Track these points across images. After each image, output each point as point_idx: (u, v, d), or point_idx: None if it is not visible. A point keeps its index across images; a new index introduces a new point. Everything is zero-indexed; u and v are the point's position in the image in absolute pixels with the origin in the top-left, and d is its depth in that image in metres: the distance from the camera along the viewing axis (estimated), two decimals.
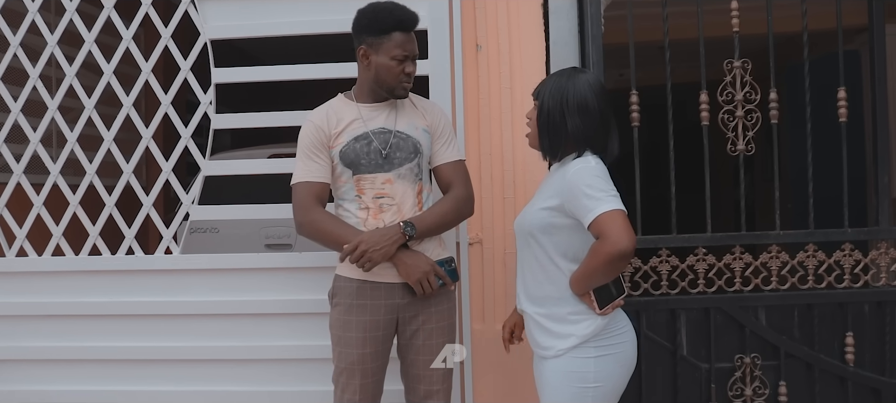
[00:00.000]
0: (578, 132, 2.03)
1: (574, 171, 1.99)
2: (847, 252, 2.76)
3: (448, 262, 2.32)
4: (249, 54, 3.75)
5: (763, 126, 2.74)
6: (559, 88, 2.05)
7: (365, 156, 2.30)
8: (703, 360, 2.78)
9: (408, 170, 2.32)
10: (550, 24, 2.78)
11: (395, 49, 2.25)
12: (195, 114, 2.81)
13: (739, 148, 2.75)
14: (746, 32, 2.74)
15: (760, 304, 2.77)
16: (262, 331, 2.80)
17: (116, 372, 2.86)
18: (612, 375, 2.04)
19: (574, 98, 2.03)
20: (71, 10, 2.86)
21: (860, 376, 2.75)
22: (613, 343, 2.04)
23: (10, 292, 2.90)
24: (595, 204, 1.93)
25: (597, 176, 1.97)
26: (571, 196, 1.98)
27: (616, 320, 2.06)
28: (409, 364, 2.36)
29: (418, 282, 2.25)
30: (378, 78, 2.29)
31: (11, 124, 2.91)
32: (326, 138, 2.31)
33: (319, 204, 2.31)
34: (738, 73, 2.74)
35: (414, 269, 2.24)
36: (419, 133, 2.37)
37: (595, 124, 2.03)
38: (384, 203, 2.29)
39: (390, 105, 2.36)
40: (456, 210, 2.36)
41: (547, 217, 2.05)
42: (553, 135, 2.07)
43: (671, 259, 2.77)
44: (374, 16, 2.28)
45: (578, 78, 2.06)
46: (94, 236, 2.87)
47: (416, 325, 2.32)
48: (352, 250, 2.21)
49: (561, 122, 2.04)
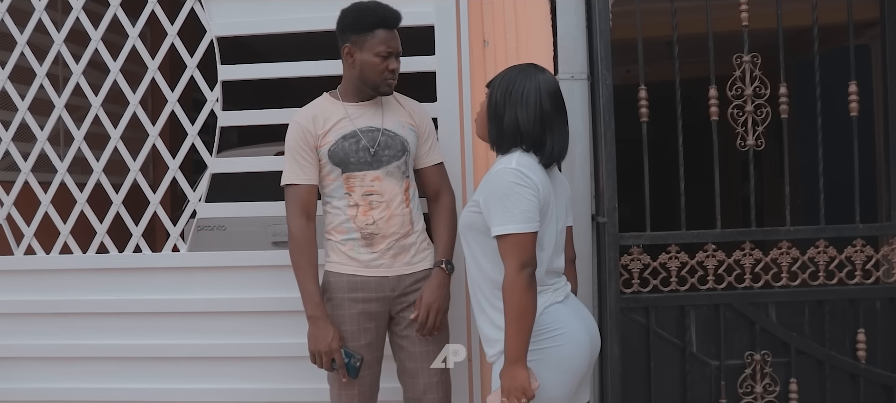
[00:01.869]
0: (513, 125, 2.04)
1: (495, 170, 2.01)
2: (858, 248, 2.73)
3: (357, 358, 2.30)
4: (255, 51, 3.75)
5: (772, 121, 2.72)
6: (509, 80, 2.08)
7: (354, 154, 2.32)
8: (712, 357, 2.76)
9: (396, 167, 2.36)
10: (558, 19, 2.76)
11: (379, 45, 2.28)
12: (202, 112, 2.81)
13: (749, 143, 2.72)
14: (756, 27, 2.72)
15: (771, 301, 2.75)
16: (269, 329, 2.80)
17: (124, 370, 2.86)
18: (546, 382, 1.97)
19: (518, 91, 2.04)
20: (77, 9, 2.86)
21: (872, 373, 2.72)
22: (545, 345, 2.00)
23: (19, 290, 2.91)
24: (502, 220, 1.94)
25: (514, 182, 1.95)
26: (486, 196, 1.99)
27: (549, 318, 2.01)
28: (406, 357, 2.39)
29: (315, 353, 2.30)
30: (362, 75, 2.32)
31: (19, 123, 2.91)
32: (313, 138, 2.34)
33: (305, 214, 2.34)
34: (748, 68, 2.71)
35: (319, 341, 2.28)
36: (406, 131, 2.40)
37: (533, 120, 2.03)
38: (374, 200, 2.33)
39: (376, 103, 2.39)
40: (456, 218, 2.45)
41: (471, 216, 2.06)
42: (497, 125, 2.08)
43: (680, 255, 2.74)
44: (357, 14, 2.31)
45: (531, 74, 2.07)
46: (102, 234, 2.88)
47: (407, 319, 2.37)
48: (424, 319, 2.32)
49: (502, 113, 2.06)
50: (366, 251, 2.34)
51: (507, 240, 1.93)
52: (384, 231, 2.33)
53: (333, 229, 2.38)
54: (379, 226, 2.33)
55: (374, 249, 2.34)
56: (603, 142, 2.68)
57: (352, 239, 2.34)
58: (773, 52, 2.71)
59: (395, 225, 2.34)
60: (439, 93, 2.73)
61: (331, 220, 2.39)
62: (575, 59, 2.73)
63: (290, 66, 2.81)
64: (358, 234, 2.34)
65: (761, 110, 2.71)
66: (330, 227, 2.40)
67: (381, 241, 2.33)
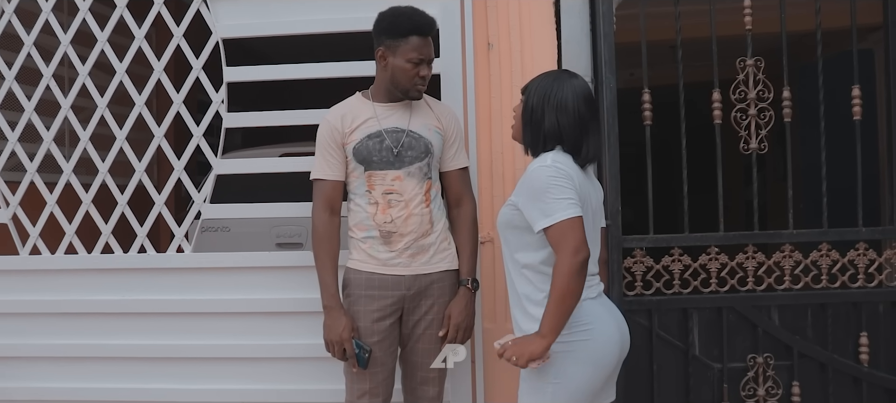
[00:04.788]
0: (554, 129, 2.10)
1: (531, 170, 2.07)
2: (861, 251, 2.73)
3: (366, 349, 2.36)
4: (260, 53, 3.76)
5: (775, 125, 2.72)
6: (545, 87, 2.14)
7: (377, 153, 2.38)
8: (715, 360, 2.77)
9: (417, 168, 2.40)
10: (562, 22, 2.77)
11: (411, 52, 2.33)
12: (207, 113, 2.82)
13: (752, 146, 2.73)
14: (759, 31, 2.73)
15: (773, 304, 2.75)
16: (273, 329, 2.80)
17: (129, 370, 2.87)
18: (574, 374, 2.03)
19: (556, 97, 2.10)
20: (84, 10, 2.87)
21: (875, 376, 2.72)
22: (576, 338, 2.03)
23: (24, 290, 2.92)
24: (547, 212, 1.98)
25: (552, 176, 2.01)
26: (525, 196, 2.05)
27: (582, 313, 2.04)
28: (409, 351, 2.46)
29: (328, 341, 2.37)
30: (393, 79, 2.37)
31: (25, 123, 2.93)
32: (340, 136, 2.41)
33: (329, 209, 2.42)
34: (751, 72, 2.72)
35: (332, 330, 2.36)
36: (431, 133, 2.45)
37: (571, 125, 2.09)
38: (393, 199, 2.38)
39: (405, 105, 2.44)
40: (477, 229, 2.56)
41: (509, 213, 2.12)
42: (534, 130, 2.13)
43: (683, 258, 2.75)
44: (393, 19, 2.37)
45: (566, 80, 2.14)
46: (107, 234, 2.89)
47: (418, 315, 2.42)
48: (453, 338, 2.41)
49: (541, 119, 2.11)
50: (384, 249, 2.39)
51: (556, 229, 1.98)
52: (402, 229, 2.37)
53: (355, 226, 2.44)
54: (397, 225, 2.37)
55: (392, 248, 2.38)
56: (606, 145, 2.69)
57: (371, 236, 2.40)
58: (777, 56, 2.72)
59: (413, 225, 2.38)
60: (443, 95, 2.73)
61: (353, 217, 2.45)
62: (579, 63, 2.74)
63: (296, 68, 2.82)
64: (377, 232, 2.39)
65: (764, 114, 2.72)
66: (352, 224, 2.45)
67: (399, 240, 2.38)
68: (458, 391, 2.74)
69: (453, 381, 2.70)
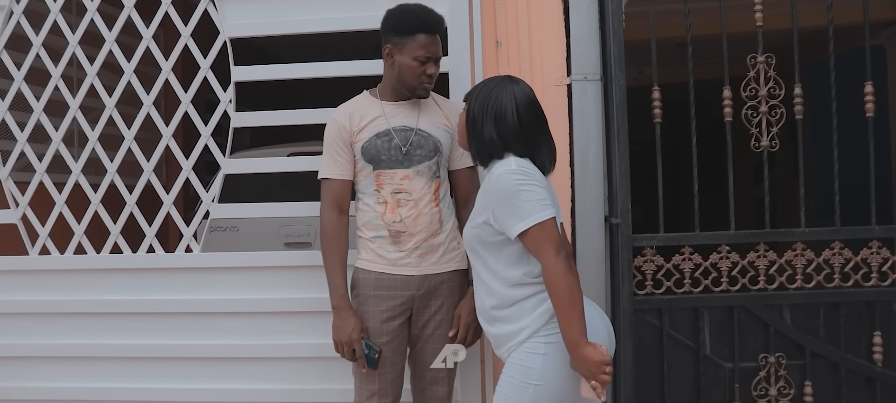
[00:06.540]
0: (493, 140, 2.05)
1: (496, 177, 2.02)
2: (874, 249, 2.70)
3: (376, 349, 2.35)
4: (268, 52, 3.76)
5: (786, 122, 2.70)
6: (485, 94, 2.09)
7: (385, 152, 2.36)
8: (726, 360, 2.75)
9: (426, 167, 2.39)
10: (571, 20, 2.75)
11: (418, 50, 2.31)
12: (215, 113, 2.82)
13: (763, 144, 2.71)
14: (770, 27, 2.70)
15: (785, 303, 2.73)
16: (281, 329, 2.80)
17: (138, 370, 2.88)
18: (557, 375, 2.00)
19: (494, 106, 2.06)
20: (92, 11, 2.87)
21: (888, 376, 2.69)
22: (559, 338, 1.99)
23: (34, 290, 2.92)
24: (522, 215, 1.95)
25: (520, 180, 1.98)
26: (495, 205, 2.00)
27: None
28: (419, 351, 2.46)
29: (337, 342, 2.36)
30: (400, 77, 2.35)
31: (34, 124, 2.93)
32: (348, 135, 2.39)
33: (337, 208, 2.41)
34: (762, 69, 2.70)
35: (341, 331, 2.34)
36: (440, 132, 2.43)
37: (513, 134, 2.05)
38: (402, 198, 2.37)
39: (414, 103, 2.42)
40: None
41: (479, 234, 2.07)
42: (477, 140, 2.10)
43: (694, 256, 2.73)
44: (400, 16, 2.35)
45: (506, 87, 2.08)
46: (116, 234, 2.89)
47: (428, 315, 2.41)
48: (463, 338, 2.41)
49: (481, 128, 2.07)
50: (393, 249, 2.38)
51: (534, 232, 1.95)
52: (411, 229, 2.36)
53: (364, 225, 2.43)
54: (406, 224, 2.36)
55: (401, 248, 2.37)
56: (616, 144, 2.67)
57: (380, 236, 2.38)
58: (788, 52, 2.69)
59: (423, 224, 2.37)
60: (452, 94, 2.73)
61: (362, 217, 2.43)
62: (588, 60, 2.72)
63: (304, 67, 2.81)
64: (386, 232, 2.37)
65: (775, 111, 2.70)
66: (361, 224, 2.44)
67: (409, 240, 2.36)
68: (467, 390, 2.73)
69: (463, 380, 2.70)
